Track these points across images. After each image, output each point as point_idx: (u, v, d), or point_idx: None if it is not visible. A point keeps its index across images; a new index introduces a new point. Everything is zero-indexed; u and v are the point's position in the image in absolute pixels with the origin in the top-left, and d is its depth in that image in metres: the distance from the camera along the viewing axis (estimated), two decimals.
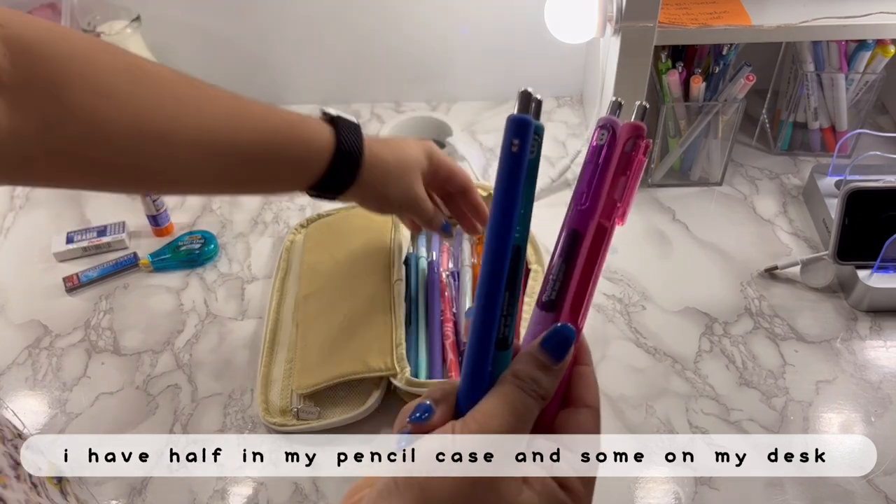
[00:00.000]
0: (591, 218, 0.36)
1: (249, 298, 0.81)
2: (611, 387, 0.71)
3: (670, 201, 0.90)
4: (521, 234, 0.33)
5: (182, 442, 0.68)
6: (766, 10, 0.78)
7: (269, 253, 0.86)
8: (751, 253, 0.83)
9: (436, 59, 1.02)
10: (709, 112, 0.85)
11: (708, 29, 0.77)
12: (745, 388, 0.71)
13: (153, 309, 0.80)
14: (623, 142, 0.35)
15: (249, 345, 0.76)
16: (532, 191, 0.33)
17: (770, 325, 0.76)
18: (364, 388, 0.68)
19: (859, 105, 0.90)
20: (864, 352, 0.73)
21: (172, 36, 0.99)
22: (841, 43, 0.85)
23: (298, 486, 0.65)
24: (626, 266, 0.82)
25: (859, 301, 0.76)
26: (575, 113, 1.03)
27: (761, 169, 0.94)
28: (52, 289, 0.82)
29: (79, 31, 0.46)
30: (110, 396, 0.72)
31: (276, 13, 0.97)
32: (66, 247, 0.85)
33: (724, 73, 0.83)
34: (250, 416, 0.70)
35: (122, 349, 0.76)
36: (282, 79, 1.04)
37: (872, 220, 0.75)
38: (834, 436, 0.67)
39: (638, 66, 0.78)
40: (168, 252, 0.84)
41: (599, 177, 0.35)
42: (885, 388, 0.70)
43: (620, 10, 0.75)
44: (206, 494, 0.64)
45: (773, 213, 0.88)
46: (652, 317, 0.77)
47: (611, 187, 0.35)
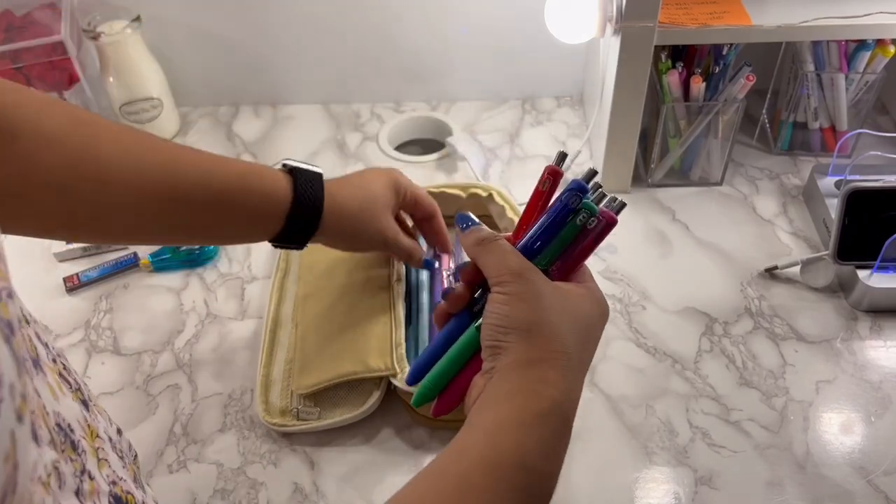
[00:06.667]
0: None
1: (249, 298, 0.81)
2: (611, 386, 0.71)
3: (670, 201, 0.90)
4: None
5: (182, 442, 0.68)
6: (766, 10, 0.78)
7: (269, 253, 0.86)
8: (751, 253, 0.83)
9: (436, 59, 1.02)
10: (709, 112, 0.85)
11: (708, 29, 0.77)
12: (745, 387, 0.71)
13: (153, 309, 0.80)
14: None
15: (249, 345, 0.76)
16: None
17: (770, 325, 0.76)
18: (364, 388, 0.68)
19: (859, 105, 0.90)
20: (864, 352, 0.73)
21: (172, 36, 0.99)
22: (841, 43, 0.85)
23: (298, 486, 0.65)
24: (626, 266, 0.82)
25: (859, 301, 0.76)
26: (575, 113, 1.03)
27: (761, 169, 0.94)
28: (52, 289, 0.82)
29: (30, 88, 0.49)
30: (110, 396, 0.72)
31: (276, 13, 0.97)
32: (66, 247, 0.85)
33: (724, 73, 0.83)
34: (250, 416, 0.70)
35: (122, 349, 0.76)
36: (282, 79, 1.04)
37: (872, 220, 0.75)
38: (834, 436, 0.67)
39: (638, 66, 0.78)
40: (168, 252, 0.84)
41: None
42: (885, 388, 0.70)
43: (620, 10, 0.74)
44: (206, 494, 0.64)
45: (773, 213, 0.88)
46: (652, 317, 0.77)
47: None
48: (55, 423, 0.33)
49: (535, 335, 0.38)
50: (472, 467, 0.36)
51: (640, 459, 0.66)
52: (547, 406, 0.37)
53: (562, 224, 0.43)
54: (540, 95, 1.06)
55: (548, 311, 0.39)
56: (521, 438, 0.36)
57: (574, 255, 0.44)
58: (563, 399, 0.38)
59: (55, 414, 0.33)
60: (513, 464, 0.36)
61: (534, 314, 0.39)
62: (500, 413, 0.37)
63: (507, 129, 1.01)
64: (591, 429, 0.68)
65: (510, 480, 0.35)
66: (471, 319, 0.43)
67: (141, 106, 0.96)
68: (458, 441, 0.38)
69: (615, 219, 0.44)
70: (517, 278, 0.40)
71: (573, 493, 0.63)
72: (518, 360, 0.38)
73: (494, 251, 0.41)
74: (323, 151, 0.99)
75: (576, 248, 0.43)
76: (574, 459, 0.65)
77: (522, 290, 0.39)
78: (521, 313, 0.39)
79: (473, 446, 0.37)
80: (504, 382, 0.38)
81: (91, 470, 0.34)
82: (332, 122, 1.04)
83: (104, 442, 0.38)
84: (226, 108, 1.06)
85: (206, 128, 1.03)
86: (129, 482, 0.39)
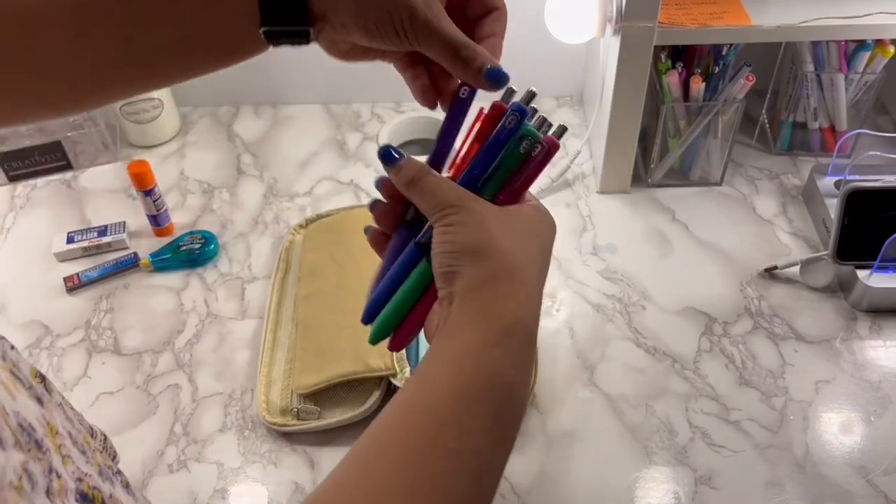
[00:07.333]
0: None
1: (250, 298, 0.81)
2: (611, 386, 0.71)
3: (670, 201, 0.90)
4: None
5: (182, 442, 0.68)
6: (766, 10, 0.78)
7: (269, 253, 0.86)
8: (750, 253, 0.84)
9: None
10: (709, 112, 0.85)
11: (708, 29, 0.77)
12: (744, 387, 0.71)
13: (153, 309, 0.80)
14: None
15: (249, 345, 0.76)
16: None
17: (770, 324, 0.76)
18: (364, 388, 0.68)
19: (859, 105, 0.90)
20: (864, 352, 0.73)
21: None
22: (841, 43, 0.85)
23: (298, 486, 0.65)
24: (626, 266, 0.82)
25: (859, 301, 0.76)
26: (575, 113, 1.03)
27: (761, 169, 0.94)
28: (53, 289, 0.82)
29: None
30: (111, 396, 0.72)
31: None
32: (67, 247, 0.85)
33: (724, 73, 0.83)
34: (250, 416, 0.70)
35: (122, 349, 0.76)
36: (282, 79, 1.04)
37: (872, 220, 0.75)
38: (833, 435, 0.67)
39: (638, 66, 0.78)
40: (168, 252, 0.84)
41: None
42: (885, 388, 0.70)
43: (620, 10, 0.75)
44: (207, 494, 0.64)
45: (773, 213, 0.88)
46: (652, 317, 0.77)
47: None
48: (17, 423, 0.32)
49: (485, 255, 0.38)
50: (441, 400, 0.36)
51: (640, 459, 0.66)
52: (508, 323, 0.37)
53: (502, 147, 0.42)
54: (540, 95, 1.05)
55: (493, 231, 0.39)
56: (488, 358, 0.37)
57: (518, 183, 0.43)
58: (524, 313, 0.38)
59: (15, 414, 0.33)
60: (482, 387, 0.36)
61: (480, 235, 0.39)
62: (465, 339, 0.37)
63: None
64: (591, 429, 0.68)
65: (481, 403, 0.36)
66: (419, 253, 0.42)
67: (141, 106, 0.96)
68: (423, 372, 0.38)
69: (557, 144, 0.43)
70: (457, 209, 0.39)
71: (573, 493, 0.63)
72: (473, 281, 0.38)
73: (429, 188, 0.41)
74: (323, 151, 0.99)
75: (519, 177, 0.42)
76: (574, 459, 0.65)
77: (465, 218, 0.39)
78: (467, 237, 0.39)
79: (440, 377, 0.37)
80: (463, 307, 0.38)
81: (57, 468, 0.33)
82: (332, 122, 1.04)
83: (64, 438, 0.37)
84: (226, 108, 1.06)
85: (207, 128, 1.03)
86: (95, 476, 0.38)
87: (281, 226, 0.89)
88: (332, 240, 0.81)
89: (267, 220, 0.90)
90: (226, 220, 0.90)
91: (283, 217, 0.90)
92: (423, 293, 0.42)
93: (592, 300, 0.79)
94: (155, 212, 0.86)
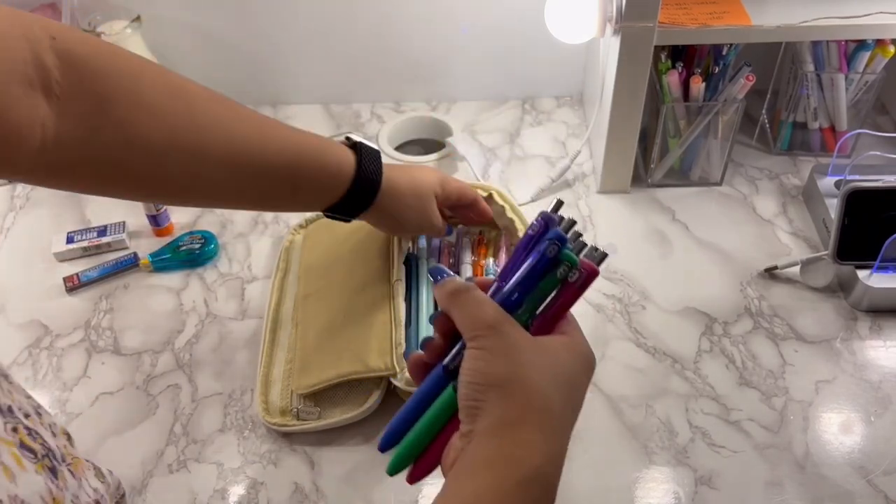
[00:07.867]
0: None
1: (249, 298, 0.81)
2: (611, 386, 0.71)
3: (670, 201, 0.90)
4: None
5: (182, 442, 0.68)
6: (766, 10, 0.78)
7: (269, 253, 0.86)
8: (751, 253, 0.83)
9: (436, 59, 1.02)
10: (709, 112, 0.85)
11: (708, 29, 0.77)
12: (744, 387, 0.71)
13: (153, 309, 0.80)
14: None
15: (249, 345, 0.76)
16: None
17: (770, 324, 0.76)
18: (364, 388, 0.68)
19: (859, 105, 0.90)
20: (864, 352, 0.73)
21: (172, 36, 0.99)
22: (841, 43, 0.85)
23: (298, 486, 0.65)
24: (626, 266, 0.82)
25: (859, 301, 0.76)
26: (575, 113, 1.03)
27: (761, 169, 0.94)
28: (53, 289, 0.82)
29: (127, 50, 0.50)
30: (110, 396, 0.72)
31: (276, 13, 0.97)
32: (67, 247, 0.85)
33: (724, 73, 0.83)
34: (250, 416, 0.70)
35: (122, 349, 0.76)
36: (282, 79, 1.04)
37: (872, 220, 0.75)
38: (834, 436, 0.67)
39: (638, 66, 0.78)
40: (168, 252, 0.84)
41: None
42: (885, 388, 0.70)
43: (620, 10, 0.75)
44: (206, 494, 0.64)
45: (773, 213, 0.88)
46: (652, 317, 0.77)
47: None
48: None
49: (513, 393, 0.37)
50: None
51: (640, 459, 0.66)
52: (527, 473, 0.35)
53: (541, 275, 0.41)
54: (540, 95, 1.06)
55: (526, 365, 0.37)
56: None
57: (555, 308, 0.42)
58: (545, 463, 0.36)
59: (12, 498, 0.32)
60: None
61: (511, 369, 0.37)
62: (479, 483, 0.35)
63: (507, 129, 1.01)
64: (591, 429, 0.68)
65: None
66: (447, 380, 0.41)
67: None
68: None
69: (597, 270, 0.41)
70: (492, 331, 0.38)
71: (573, 493, 0.63)
72: (496, 421, 0.36)
73: (469, 303, 0.40)
74: None
75: (556, 301, 0.42)
76: (574, 459, 0.65)
77: (498, 344, 0.38)
78: (497, 368, 0.37)
79: None
80: (482, 448, 0.36)
81: None
82: (332, 122, 1.04)
83: None
84: None
85: None
86: None
87: (280, 226, 0.89)
88: (332, 240, 0.81)
89: (267, 220, 0.90)
90: (226, 220, 0.90)
91: (282, 217, 0.90)
92: (447, 423, 0.41)
93: (592, 300, 0.79)
94: (154, 212, 0.86)
